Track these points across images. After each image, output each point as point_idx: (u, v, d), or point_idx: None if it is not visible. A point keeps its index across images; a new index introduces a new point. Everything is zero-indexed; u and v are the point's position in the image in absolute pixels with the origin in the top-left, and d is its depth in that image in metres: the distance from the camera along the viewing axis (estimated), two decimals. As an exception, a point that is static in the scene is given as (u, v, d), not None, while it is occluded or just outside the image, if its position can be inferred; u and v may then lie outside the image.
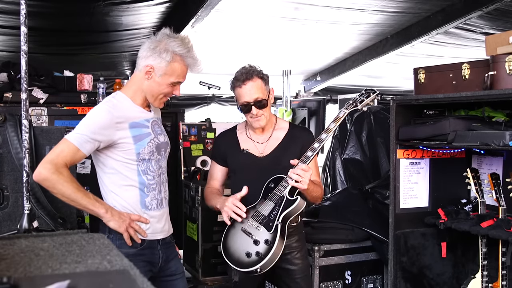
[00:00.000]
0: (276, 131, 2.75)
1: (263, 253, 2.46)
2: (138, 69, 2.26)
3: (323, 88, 8.79)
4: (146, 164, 2.25)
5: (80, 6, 4.69)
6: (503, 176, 2.87)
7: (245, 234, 2.55)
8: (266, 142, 2.72)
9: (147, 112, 2.31)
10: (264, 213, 2.54)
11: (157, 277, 2.36)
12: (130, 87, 2.30)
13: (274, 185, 2.58)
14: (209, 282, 4.10)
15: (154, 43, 2.21)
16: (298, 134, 2.76)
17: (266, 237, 2.48)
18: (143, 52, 2.24)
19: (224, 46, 6.74)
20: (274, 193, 2.55)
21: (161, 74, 2.20)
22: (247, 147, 2.72)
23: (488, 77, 2.55)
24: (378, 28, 6.32)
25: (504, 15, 5.45)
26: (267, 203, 2.56)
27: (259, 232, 2.51)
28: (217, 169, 2.81)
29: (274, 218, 2.51)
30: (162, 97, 2.28)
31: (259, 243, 2.49)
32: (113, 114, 2.15)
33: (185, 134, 4.81)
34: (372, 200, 3.80)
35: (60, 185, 2.06)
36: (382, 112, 4.22)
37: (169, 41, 2.21)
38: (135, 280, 0.93)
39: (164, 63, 2.19)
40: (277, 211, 2.52)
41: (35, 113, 3.73)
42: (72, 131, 2.14)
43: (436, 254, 3.08)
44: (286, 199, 2.52)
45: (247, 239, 2.53)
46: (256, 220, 2.53)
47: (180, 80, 2.28)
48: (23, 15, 1.92)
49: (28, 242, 1.20)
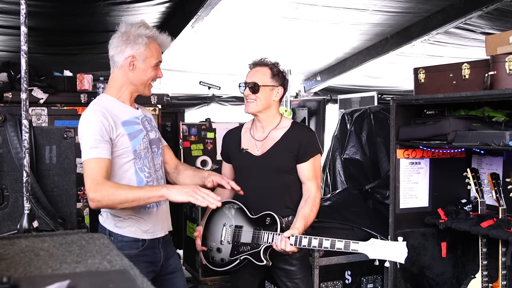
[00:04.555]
0: (275, 130, 2.74)
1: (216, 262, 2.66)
2: (117, 66, 2.27)
3: (323, 88, 8.78)
4: (142, 161, 2.26)
5: (80, 6, 4.68)
6: (503, 176, 2.87)
7: (220, 232, 2.66)
8: (263, 141, 2.73)
9: (134, 109, 2.33)
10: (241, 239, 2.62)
11: (158, 276, 2.36)
12: (112, 86, 2.31)
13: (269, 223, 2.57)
14: (209, 282, 4.10)
15: (123, 36, 2.26)
16: (297, 133, 2.70)
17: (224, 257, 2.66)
18: (115, 49, 2.26)
19: (224, 46, 6.73)
20: (260, 234, 2.57)
21: (144, 59, 2.25)
22: (247, 147, 2.75)
23: (488, 77, 2.55)
24: (378, 28, 6.32)
25: (504, 15, 5.45)
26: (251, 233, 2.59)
27: (226, 246, 2.64)
28: (225, 167, 2.88)
29: (240, 253, 2.60)
30: (150, 82, 2.33)
31: (220, 252, 2.65)
32: (103, 113, 2.17)
33: (185, 134, 4.81)
34: (372, 200, 3.80)
35: (114, 196, 2.08)
36: (382, 112, 4.22)
37: (135, 28, 2.26)
38: (135, 280, 0.93)
39: (142, 47, 2.24)
40: (245, 250, 2.59)
41: (35, 113, 3.73)
42: (82, 151, 2.16)
43: (436, 254, 3.08)
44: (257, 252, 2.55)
45: (218, 239, 2.66)
46: (233, 236, 2.63)
47: (160, 60, 2.32)
48: (23, 15, 1.92)
49: (28, 242, 1.20)
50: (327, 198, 3.90)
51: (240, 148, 2.75)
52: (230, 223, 2.66)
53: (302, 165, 2.66)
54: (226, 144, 2.87)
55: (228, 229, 2.66)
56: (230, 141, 2.84)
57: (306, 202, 2.62)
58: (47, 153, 2.35)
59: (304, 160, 2.66)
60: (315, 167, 2.69)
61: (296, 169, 2.69)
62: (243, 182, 2.61)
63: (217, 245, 2.67)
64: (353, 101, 6.04)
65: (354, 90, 8.32)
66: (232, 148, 2.80)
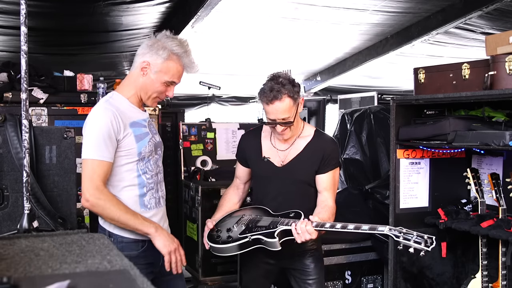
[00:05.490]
0: (299, 139, 2.62)
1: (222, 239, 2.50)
2: (135, 66, 2.27)
3: (323, 88, 8.79)
4: (146, 164, 2.26)
5: (80, 6, 4.68)
6: (503, 176, 2.87)
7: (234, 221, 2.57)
8: (287, 151, 2.61)
9: (142, 112, 2.32)
10: (257, 223, 2.48)
11: (157, 277, 2.36)
12: (126, 86, 2.29)
13: (293, 216, 2.46)
14: (209, 282, 4.10)
15: (152, 41, 2.24)
16: (320, 144, 2.59)
17: (232, 235, 2.49)
18: (141, 49, 2.25)
19: (224, 46, 6.74)
20: (279, 219, 2.43)
21: (156, 70, 2.21)
22: (269, 155, 2.62)
23: (488, 77, 2.55)
24: (378, 28, 6.32)
25: (504, 15, 5.45)
26: (267, 220, 2.48)
27: (236, 229, 2.51)
28: (240, 169, 2.79)
29: (253, 232, 2.43)
30: (156, 96, 2.28)
31: (231, 231, 2.51)
32: (114, 113, 2.15)
33: (185, 134, 4.80)
34: (372, 200, 3.80)
35: (108, 210, 2.10)
36: (382, 112, 4.22)
37: (167, 40, 2.22)
38: (135, 280, 0.93)
39: (160, 59, 2.19)
40: (259, 230, 2.42)
41: (35, 113, 3.73)
42: (83, 146, 2.14)
43: (436, 254, 3.08)
44: (272, 233, 2.37)
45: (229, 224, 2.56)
46: (247, 224, 2.50)
47: (175, 81, 2.27)
48: (23, 15, 1.91)
49: (28, 242, 1.20)
50: (327, 198, 3.90)
51: (262, 156, 2.64)
52: (249, 214, 2.58)
53: (321, 176, 2.58)
54: (244, 148, 2.74)
55: (245, 218, 2.55)
56: (249, 146, 2.71)
57: (323, 208, 2.51)
58: (47, 153, 2.35)
59: (324, 172, 2.58)
60: (334, 179, 2.61)
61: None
62: (263, 190, 2.61)
63: (228, 226, 2.54)
64: (353, 101, 6.04)
65: (354, 90, 8.32)
66: (252, 154, 2.69)
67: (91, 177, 2.10)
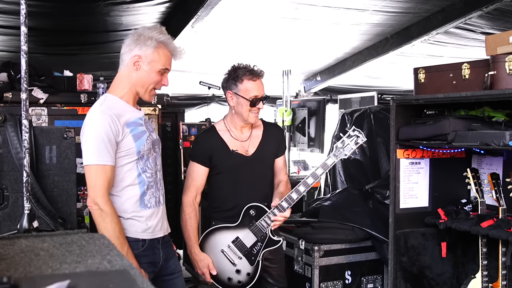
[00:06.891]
0: (254, 129, 2.91)
1: (244, 283, 2.73)
2: (124, 64, 2.27)
3: (323, 88, 8.78)
4: (145, 162, 2.26)
5: (80, 6, 4.68)
6: (503, 176, 2.87)
7: (226, 257, 2.74)
8: (249, 141, 2.85)
9: (138, 110, 2.33)
10: (247, 244, 2.74)
11: (157, 277, 2.36)
12: (117, 86, 2.29)
13: (255, 214, 2.74)
14: (209, 282, 4.09)
15: (135, 35, 2.26)
16: (273, 131, 2.97)
17: (248, 270, 2.73)
18: (126, 47, 2.27)
19: (224, 46, 6.73)
20: (257, 226, 2.74)
21: (149, 61, 2.23)
22: (235, 148, 2.81)
23: (488, 77, 2.55)
24: (378, 28, 6.32)
25: (504, 15, 5.44)
26: (248, 234, 2.74)
27: (241, 262, 2.73)
28: (200, 171, 2.82)
29: (257, 253, 2.72)
30: (152, 88, 2.30)
31: (240, 273, 2.73)
32: (111, 116, 2.16)
33: (185, 134, 4.81)
34: (372, 200, 3.80)
35: (105, 224, 2.13)
36: (382, 112, 4.21)
37: (150, 31, 2.26)
38: (135, 280, 0.93)
39: (150, 50, 2.23)
40: (259, 247, 2.73)
41: (35, 113, 3.73)
42: (83, 153, 2.16)
43: (436, 254, 3.08)
44: (269, 238, 2.74)
45: (229, 265, 2.74)
46: (239, 250, 2.73)
47: (168, 67, 2.30)
48: (23, 15, 1.91)
49: (28, 242, 1.20)
50: (327, 198, 3.90)
51: (230, 149, 2.79)
52: (226, 244, 2.76)
53: (278, 159, 2.96)
54: (206, 147, 2.82)
55: (229, 250, 2.76)
56: (213, 144, 2.81)
57: (282, 185, 2.89)
58: (47, 153, 2.35)
59: (281, 155, 2.97)
60: (285, 160, 3.04)
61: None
62: (232, 184, 2.77)
63: (233, 270, 2.75)
64: (353, 101, 6.04)
65: (354, 90, 8.32)
66: (218, 151, 2.80)
67: (94, 185, 2.13)
